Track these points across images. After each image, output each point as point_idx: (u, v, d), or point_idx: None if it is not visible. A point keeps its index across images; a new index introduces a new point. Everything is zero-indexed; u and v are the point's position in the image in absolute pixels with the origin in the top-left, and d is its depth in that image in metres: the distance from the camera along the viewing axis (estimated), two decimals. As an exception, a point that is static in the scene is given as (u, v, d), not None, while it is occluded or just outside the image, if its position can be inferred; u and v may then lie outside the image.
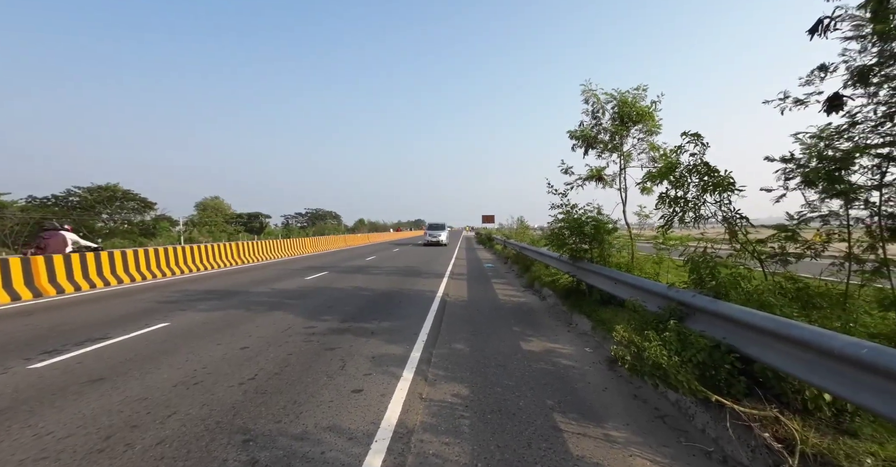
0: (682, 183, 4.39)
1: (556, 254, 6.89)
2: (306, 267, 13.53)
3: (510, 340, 4.82)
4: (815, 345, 1.84)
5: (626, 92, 8.39)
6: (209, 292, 8.01)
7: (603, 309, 5.34)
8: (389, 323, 5.58)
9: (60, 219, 39.28)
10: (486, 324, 5.60)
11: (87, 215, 42.74)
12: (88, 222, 41.64)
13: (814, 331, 1.87)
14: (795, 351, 1.98)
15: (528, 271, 10.58)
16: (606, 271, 4.98)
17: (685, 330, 2.60)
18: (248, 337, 4.76)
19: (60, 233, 9.48)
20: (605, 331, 4.61)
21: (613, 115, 8.75)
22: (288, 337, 4.78)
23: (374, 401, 3.04)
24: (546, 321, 5.85)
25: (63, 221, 22.36)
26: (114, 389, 3.16)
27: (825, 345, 1.77)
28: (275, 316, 5.89)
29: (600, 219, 5.85)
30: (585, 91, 8.76)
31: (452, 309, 6.68)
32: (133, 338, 4.69)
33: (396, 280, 10.10)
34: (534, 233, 20.14)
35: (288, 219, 79.71)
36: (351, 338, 4.75)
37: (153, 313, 6.07)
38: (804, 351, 1.93)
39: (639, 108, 8.25)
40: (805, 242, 3.75)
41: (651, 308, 3.44)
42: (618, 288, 4.55)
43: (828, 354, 1.77)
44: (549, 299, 7.42)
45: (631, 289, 4.16)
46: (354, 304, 6.84)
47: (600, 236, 5.76)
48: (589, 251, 6.03)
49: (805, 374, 1.92)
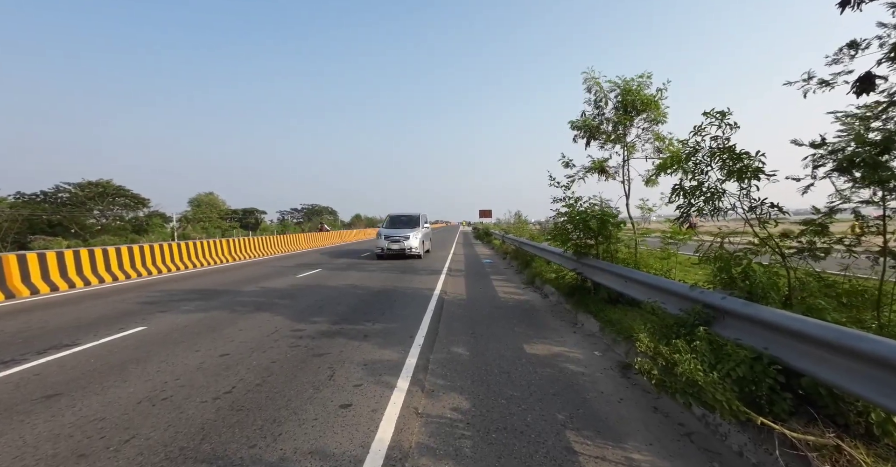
0: (700, 170, 4.04)
1: (560, 250, 6.56)
2: (299, 264, 13.15)
3: (513, 343, 4.50)
4: (893, 361, 1.51)
5: (630, 80, 8.01)
6: (194, 292, 7.62)
7: (611, 308, 5.02)
8: (384, 324, 5.24)
9: (51, 215, 38.53)
10: (487, 325, 5.27)
11: (78, 212, 41.93)
12: (79, 219, 40.87)
13: (891, 345, 1.54)
14: (862, 367, 1.66)
15: (528, 267, 10.26)
16: (615, 268, 4.65)
17: (718, 338, 2.27)
18: (231, 342, 4.40)
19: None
20: (614, 333, 4.30)
21: (617, 105, 8.38)
22: (273, 341, 4.43)
23: (364, 418, 2.70)
24: (550, 321, 5.53)
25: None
26: (69, 407, 2.80)
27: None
28: (261, 317, 5.53)
29: (607, 212, 5.51)
30: (588, 79, 8.37)
31: (451, 308, 6.35)
32: (103, 345, 4.31)
33: (392, 277, 9.75)
34: (532, 228, 19.83)
35: (284, 215, 78.99)
36: (342, 342, 4.40)
37: (131, 316, 5.69)
38: (875, 369, 1.61)
39: (643, 96, 7.88)
40: (836, 236, 3.44)
41: (671, 310, 3.11)
42: (629, 286, 4.23)
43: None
44: (552, 297, 7.11)
45: (645, 289, 3.83)
46: (347, 304, 6.49)
47: (607, 231, 5.43)
48: (594, 246, 5.69)
49: (875, 395, 1.60)
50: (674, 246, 6.39)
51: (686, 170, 4.32)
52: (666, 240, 6.49)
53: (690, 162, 4.11)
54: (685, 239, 6.15)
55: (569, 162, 9.37)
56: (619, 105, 8.41)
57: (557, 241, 6.18)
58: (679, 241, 6.23)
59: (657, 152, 8.34)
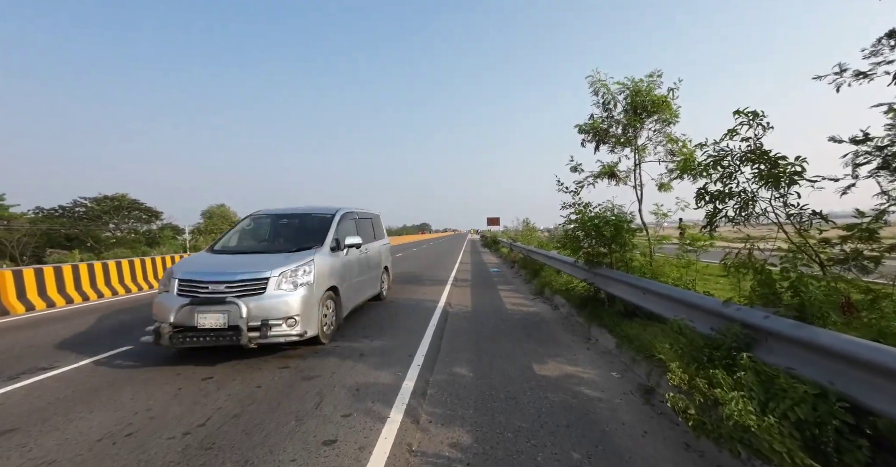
0: (729, 174, 3.66)
1: (571, 259, 6.16)
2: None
3: (521, 361, 4.11)
4: None
5: (639, 80, 7.68)
6: (192, 306, 7.38)
7: (627, 322, 4.60)
8: (382, 341, 4.90)
9: (69, 229, 39.39)
10: (493, 340, 4.89)
11: (94, 225, 42.83)
12: (95, 232, 41.69)
13: None
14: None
15: (536, 276, 9.84)
16: (631, 279, 4.26)
17: (766, 368, 1.89)
18: (219, 362, 4.10)
19: None
20: (633, 351, 3.88)
21: (626, 107, 8.04)
22: (263, 361, 4.11)
23: (348, 459, 2.35)
24: (561, 335, 5.13)
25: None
26: (21, 446, 2.50)
27: None
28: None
29: (621, 218, 5.12)
30: (594, 82, 8.06)
31: (455, 321, 5.98)
32: (81, 368, 4.05)
33: (395, 287, 9.42)
34: (540, 236, 19.40)
35: (293, 226, 79.68)
36: (335, 363, 4.06)
37: (123, 333, 5.45)
38: None
39: (654, 96, 7.53)
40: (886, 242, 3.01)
41: (700, 328, 2.72)
42: (648, 299, 3.83)
43: None
44: (562, 309, 6.69)
45: (667, 303, 3.43)
46: (347, 317, 6.17)
47: (621, 238, 5.04)
48: (608, 255, 5.30)
49: None
50: (692, 253, 5.96)
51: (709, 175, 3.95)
52: (684, 246, 6.06)
53: (719, 166, 3.73)
54: (705, 246, 5.73)
55: (577, 166, 9.01)
56: (628, 107, 8.07)
57: (567, 250, 5.80)
58: (698, 249, 5.81)
59: (670, 155, 7.95)
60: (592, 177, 8.52)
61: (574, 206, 5.88)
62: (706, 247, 5.62)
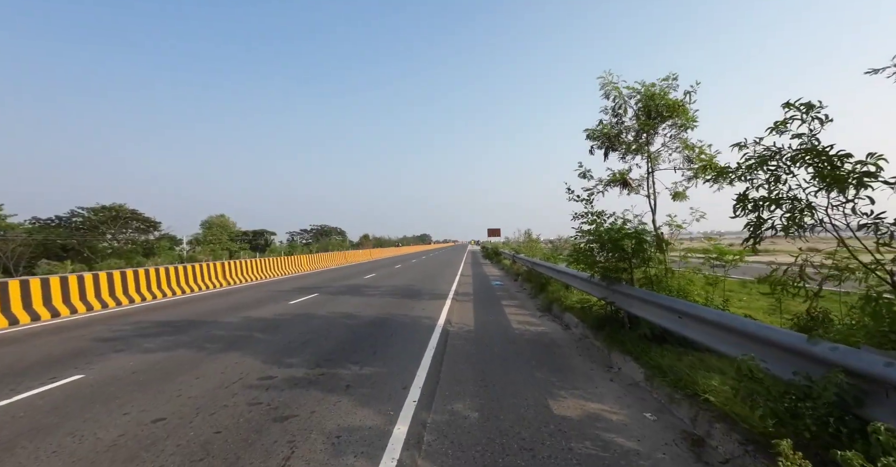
0: (777, 178, 3.14)
1: (585, 275, 5.58)
2: (297, 288, 12.31)
3: (534, 396, 3.50)
4: None
5: (652, 84, 7.25)
6: (169, 324, 6.77)
7: (656, 349, 3.99)
8: (373, 367, 4.28)
9: (67, 239, 38.87)
10: (500, 368, 4.28)
11: (91, 236, 42.34)
12: (92, 243, 41.16)
13: None
14: None
15: (543, 291, 9.23)
16: (662, 300, 3.67)
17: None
18: (177, 397, 3.49)
19: None
20: (668, 386, 3.26)
21: (638, 112, 7.60)
22: (231, 396, 3.50)
23: (314, 552, 1.74)
24: (577, 362, 4.51)
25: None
26: None
27: None
28: (230, 359, 4.62)
29: (644, 229, 4.57)
30: (605, 84, 7.63)
31: (456, 343, 5.37)
32: (17, 403, 3.43)
33: (392, 303, 8.81)
34: (544, 247, 18.81)
35: (293, 236, 79.31)
36: (316, 397, 3.45)
37: (78, 357, 4.83)
38: None
39: (669, 100, 7.08)
40: None
41: (774, 370, 2.13)
42: (686, 325, 3.24)
43: None
44: (575, 329, 6.07)
45: (716, 332, 2.84)
46: (336, 338, 5.56)
47: (644, 253, 4.47)
48: (627, 271, 4.72)
49: None
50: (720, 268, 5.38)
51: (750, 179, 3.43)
52: (709, 260, 5.49)
53: (765, 167, 3.21)
54: (734, 261, 5.15)
55: (586, 173, 8.50)
56: (640, 112, 7.63)
57: (581, 264, 5.22)
58: (727, 263, 5.23)
59: (687, 162, 7.45)
60: (602, 185, 8.03)
61: (587, 216, 5.33)
62: (735, 262, 5.03)
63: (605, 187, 8.04)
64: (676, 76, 6.81)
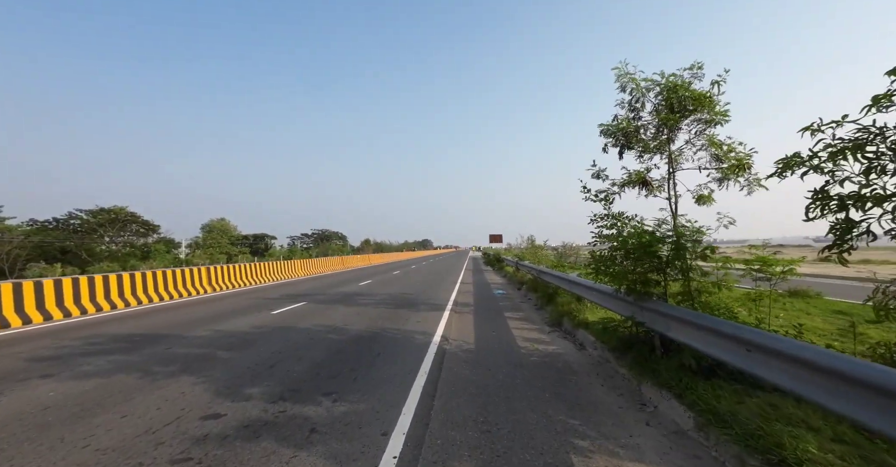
0: (880, 168, 2.36)
1: (608, 289, 4.74)
2: (286, 295, 11.50)
3: (553, 448, 2.67)
4: None
5: (672, 75, 6.49)
6: (126, 339, 5.95)
7: (704, 383, 3.15)
8: (349, 402, 3.46)
9: (64, 242, 38.33)
10: (505, 403, 3.45)
11: (89, 238, 41.80)
12: (90, 245, 40.57)
13: None
14: None
15: (551, 302, 8.39)
16: (724, 326, 2.83)
17: None
18: (82, 448, 2.66)
19: None
20: (736, 443, 2.43)
21: (658, 106, 6.83)
22: (153, 448, 2.66)
23: None
24: (599, 394, 3.68)
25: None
26: None
27: None
28: (176, 387, 3.80)
29: (683, 233, 3.76)
30: (621, 75, 6.88)
31: (453, 366, 4.54)
32: None
33: (385, 314, 7.98)
34: (549, 253, 17.96)
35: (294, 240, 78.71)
36: (266, 451, 2.63)
37: None
38: None
39: (694, 92, 6.32)
40: None
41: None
42: (760, 363, 2.40)
43: None
44: (592, 350, 5.23)
45: (806, 374, 2.00)
46: (312, 359, 4.74)
47: (683, 262, 3.65)
48: (660, 284, 3.90)
49: None
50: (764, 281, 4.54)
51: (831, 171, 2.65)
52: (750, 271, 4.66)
53: (859, 155, 2.43)
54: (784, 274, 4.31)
55: (600, 173, 7.71)
56: (660, 106, 6.86)
57: (602, 275, 4.40)
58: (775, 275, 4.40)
59: (715, 160, 6.66)
60: (618, 186, 7.24)
61: (606, 218, 4.54)
62: (784, 275, 4.21)
63: (621, 188, 7.27)
64: (702, 65, 6.04)
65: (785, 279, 4.43)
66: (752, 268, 4.55)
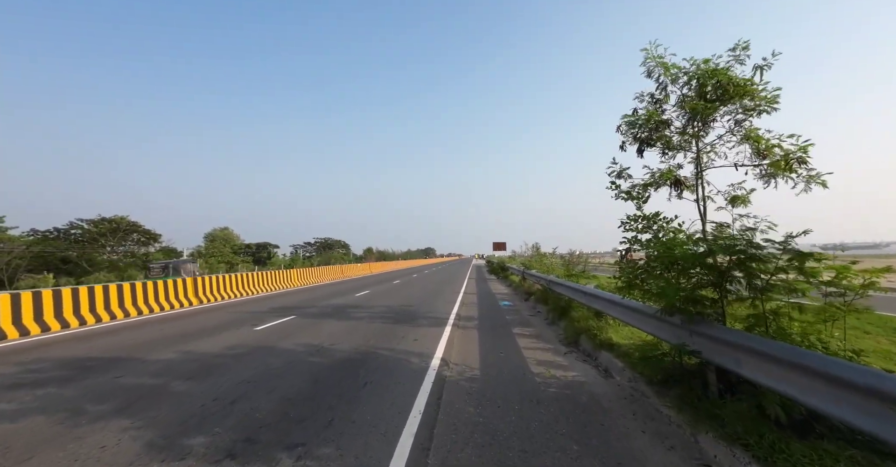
0: None
1: (640, 304, 3.89)
2: (276, 308, 10.70)
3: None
4: None
5: (706, 61, 5.72)
6: (73, 364, 5.12)
7: (801, 444, 2.29)
8: (317, 461, 2.62)
9: (65, 251, 37.89)
10: (522, 459, 2.61)
11: (91, 248, 41.46)
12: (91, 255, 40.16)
13: None
14: None
15: (564, 317, 7.52)
16: (831, 366, 2.01)
17: None
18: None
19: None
20: None
21: (684, 97, 6.06)
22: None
23: None
24: (642, 447, 2.82)
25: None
26: None
27: None
28: (96, 437, 2.97)
29: (750, 239, 2.93)
30: (649, 58, 6.13)
31: (455, 401, 3.70)
32: None
33: (379, 330, 7.15)
34: (557, 261, 17.07)
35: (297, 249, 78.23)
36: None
37: None
38: None
39: (735, 78, 5.53)
40: None
41: None
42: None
43: None
44: (620, 377, 4.35)
45: None
46: (284, 392, 3.91)
47: (755, 277, 2.81)
48: (717, 302, 3.07)
49: None
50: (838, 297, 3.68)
51: None
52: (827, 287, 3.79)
53: None
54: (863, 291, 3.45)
55: (622, 172, 6.90)
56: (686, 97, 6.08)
57: (635, 290, 3.56)
58: (853, 290, 3.54)
59: (758, 156, 5.84)
60: (641, 187, 6.44)
61: (640, 220, 3.72)
62: (865, 289, 3.35)
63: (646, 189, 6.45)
64: (747, 44, 5.26)
65: (865, 295, 3.57)
66: (822, 282, 3.68)
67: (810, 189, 5.37)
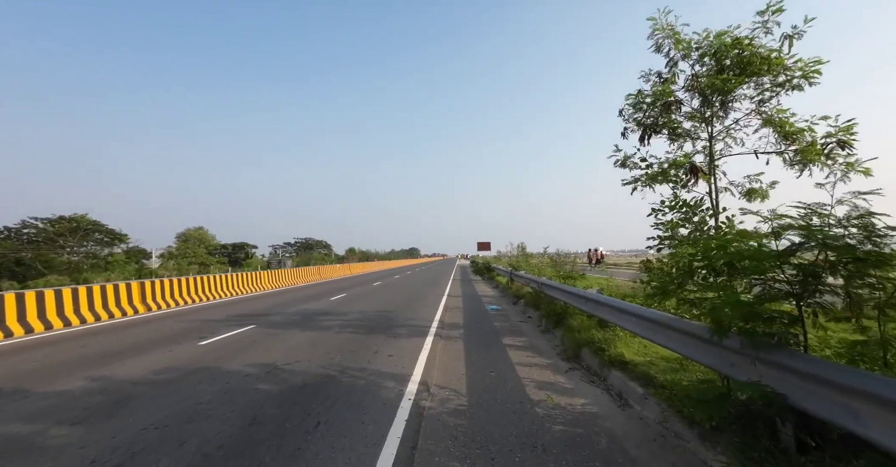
0: None
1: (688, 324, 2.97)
2: (236, 315, 9.49)
3: None
4: None
5: (724, 32, 4.95)
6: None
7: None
8: None
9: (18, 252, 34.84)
10: None
11: (47, 249, 38.35)
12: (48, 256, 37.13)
13: None
14: None
15: (560, 325, 6.68)
16: None
17: None
18: None
19: None
20: None
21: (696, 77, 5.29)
22: None
23: None
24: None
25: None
26: None
27: None
28: None
29: (873, 229, 2.09)
30: (657, 29, 5.34)
31: (434, 450, 2.74)
32: None
33: (349, 342, 6.13)
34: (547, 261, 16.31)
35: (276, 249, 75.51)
36: None
37: None
38: None
39: (761, 49, 4.76)
40: None
41: None
42: None
43: None
44: (641, 407, 3.48)
45: None
46: (202, 442, 2.87)
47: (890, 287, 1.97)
48: (797, 321, 2.22)
49: None
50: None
51: None
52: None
53: None
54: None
55: (626, 160, 6.12)
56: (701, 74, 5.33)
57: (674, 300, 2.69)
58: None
59: (785, 140, 5.11)
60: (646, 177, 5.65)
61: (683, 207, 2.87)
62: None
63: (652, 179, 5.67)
64: (780, 6, 4.49)
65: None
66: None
67: (848, 179, 4.67)
